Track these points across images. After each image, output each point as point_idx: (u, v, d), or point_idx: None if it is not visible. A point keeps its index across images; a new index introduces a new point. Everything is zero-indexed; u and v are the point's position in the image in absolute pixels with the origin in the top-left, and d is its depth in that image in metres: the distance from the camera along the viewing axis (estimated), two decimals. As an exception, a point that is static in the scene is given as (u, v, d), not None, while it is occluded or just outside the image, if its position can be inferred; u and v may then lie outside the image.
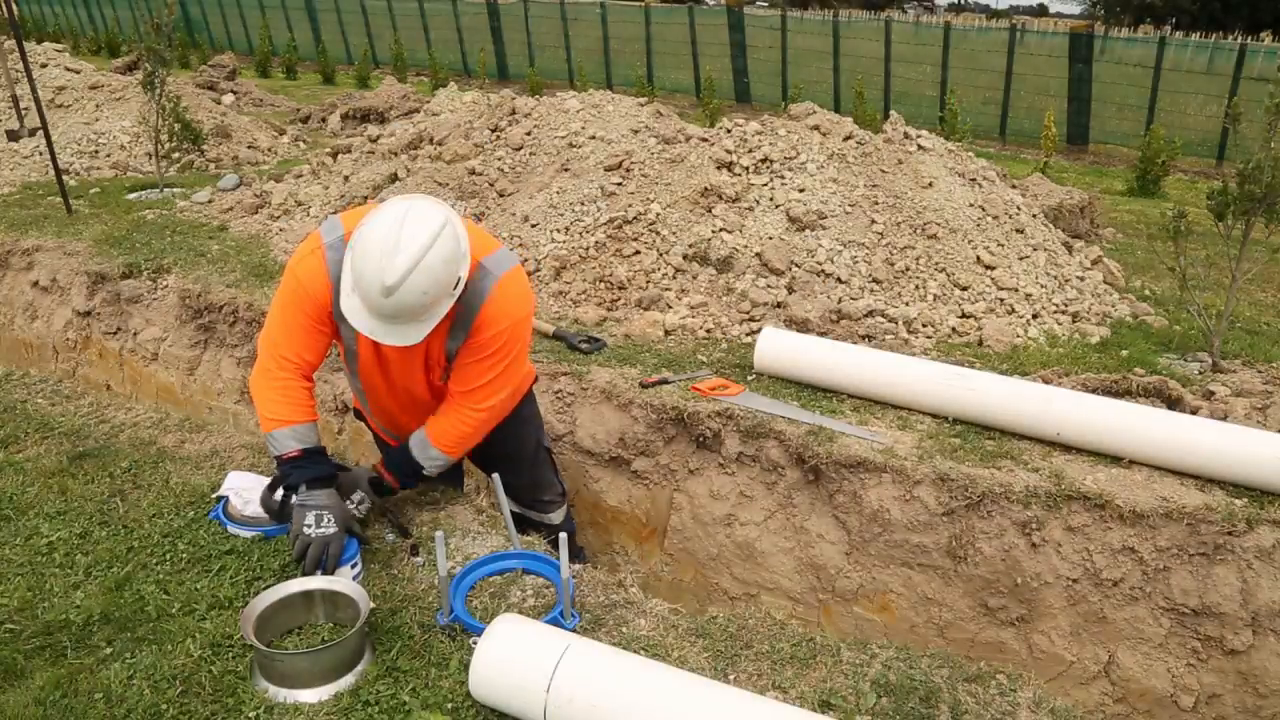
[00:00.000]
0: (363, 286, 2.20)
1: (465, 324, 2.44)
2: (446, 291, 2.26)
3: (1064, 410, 3.37)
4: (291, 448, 2.45)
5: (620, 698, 1.85)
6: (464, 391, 2.55)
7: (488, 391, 2.55)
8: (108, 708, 1.99)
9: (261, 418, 2.49)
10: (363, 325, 2.27)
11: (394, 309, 2.20)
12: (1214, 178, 9.95)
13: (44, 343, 5.84)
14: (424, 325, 2.28)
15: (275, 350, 2.47)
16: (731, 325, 4.47)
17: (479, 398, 2.55)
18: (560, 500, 3.32)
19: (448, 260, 2.22)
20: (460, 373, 2.54)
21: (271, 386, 2.47)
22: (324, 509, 2.39)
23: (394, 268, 2.14)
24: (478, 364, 2.50)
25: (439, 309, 2.29)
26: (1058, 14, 57.36)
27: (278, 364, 2.46)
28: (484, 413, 2.59)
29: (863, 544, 3.45)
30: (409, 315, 2.24)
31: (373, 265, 2.16)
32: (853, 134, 5.39)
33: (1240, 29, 30.33)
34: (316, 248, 2.43)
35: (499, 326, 2.45)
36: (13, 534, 2.63)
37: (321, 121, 11.35)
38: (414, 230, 2.17)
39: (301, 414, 2.48)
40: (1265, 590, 2.95)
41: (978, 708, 2.06)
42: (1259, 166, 3.92)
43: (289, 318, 2.46)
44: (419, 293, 2.18)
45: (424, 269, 2.16)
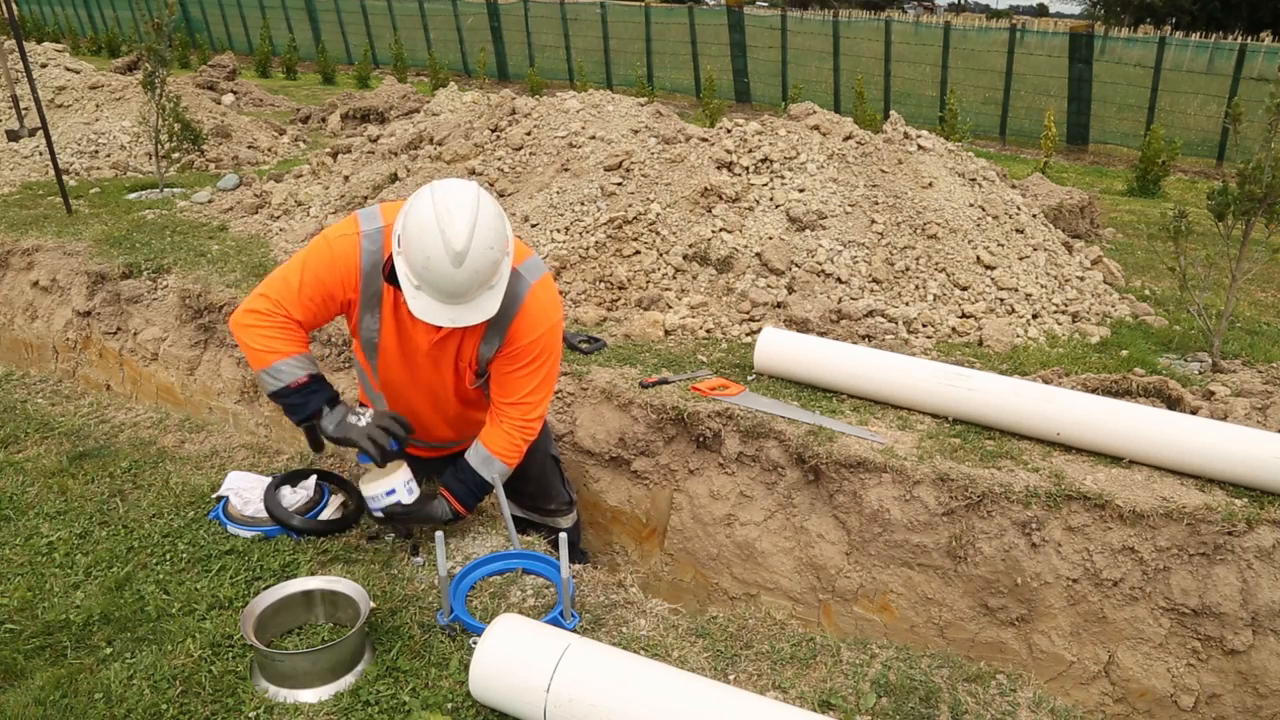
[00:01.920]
0: (432, 269, 2.16)
1: (501, 329, 2.44)
2: (505, 249, 2.27)
3: (1064, 410, 3.37)
4: (299, 376, 2.40)
5: (620, 698, 1.85)
6: (512, 403, 2.56)
7: (535, 400, 2.58)
8: (108, 708, 1.99)
9: (254, 352, 2.39)
10: (440, 317, 2.23)
11: (469, 278, 2.17)
12: (1214, 178, 9.95)
13: (44, 343, 5.84)
14: (495, 291, 2.26)
15: (275, 293, 2.39)
16: (731, 325, 4.47)
17: (527, 407, 2.57)
18: (568, 509, 3.32)
19: (497, 214, 2.24)
20: (504, 384, 2.55)
21: (266, 324, 2.39)
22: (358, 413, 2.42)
23: (457, 233, 2.13)
24: (520, 372, 2.51)
25: (503, 270, 2.28)
26: (1058, 14, 57.38)
27: (273, 306, 2.39)
28: (535, 420, 2.62)
29: (863, 544, 3.45)
30: (481, 282, 2.21)
31: (434, 239, 2.14)
32: (853, 134, 5.39)
33: (1240, 29, 30.34)
34: (354, 232, 2.40)
35: (536, 333, 2.46)
36: (13, 534, 2.63)
37: (321, 121, 11.35)
38: (454, 197, 2.18)
39: (299, 345, 2.43)
40: (1265, 590, 2.95)
41: (978, 708, 2.06)
42: (1259, 166, 3.92)
43: (306, 277, 2.40)
44: (486, 248, 2.17)
45: (483, 224, 2.17)
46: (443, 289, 2.19)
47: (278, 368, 2.38)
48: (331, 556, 2.53)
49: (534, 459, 3.13)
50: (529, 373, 2.52)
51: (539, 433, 2.69)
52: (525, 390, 2.54)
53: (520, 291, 2.42)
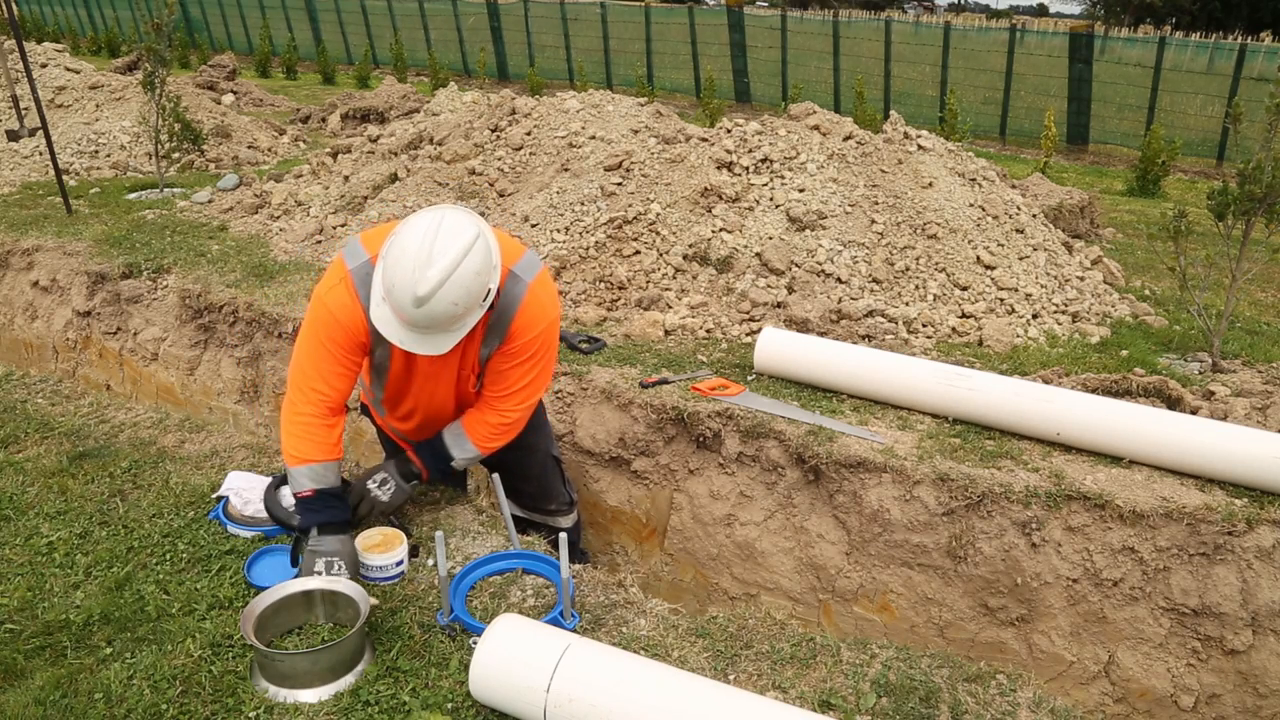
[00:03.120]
0: (394, 296, 2.20)
1: (500, 331, 2.47)
2: (477, 303, 2.27)
3: (1064, 410, 3.37)
4: (305, 487, 2.42)
5: (620, 698, 1.85)
6: (500, 395, 2.58)
7: (524, 395, 2.60)
8: (108, 708, 1.99)
9: (284, 452, 2.47)
10: (393, 335, 2.28)
11: (425, 319, 2.21)
12: (1214, 178, 9.95)
13: (44, 343, 5.84)
14: (453, 335, 2.30)
15: (305, 382, 2.43)
16: (731, 325, 4.47)
17: (516, 400, 2.59)
18: (568, 509, 3.33)
19: (479, 272, 2.23)
20: (496, 378, 2.57)
21: (295, 422, 2.43)
22: (334, 555, 2.36)
23: (426, 279, 2.14)
24: (514, 369, 2.54)
25: (469, 319, 2.30)
26: (1058, 14, 57.40)
27: (304, 397, 2.42)
28: (519, 414, 2.63)
29: (863, 544, 3.45)
30: (439, 326, 2.25)
31: (405, 276, 2.16)
32: (853, 134, 5.39)
33: (1240, 29, 30.35)
34: (343, 277, 2.40)
35: (534, 331, 2.48)
36: (13, 534, 2.63)
37: (321, 121, 11.35)
38: (446, 242, 2.17)
39: (320, 452, 2.43)
40: (1265, 590, 2.95)
41: (978, 708, 2.06)
42: (1259, 166, 3.92)
43: (318, 348, 2.42)
44: (449, 304, 2.19)
45: (456, 281, 2.17)
46: (401, 315, 2.24)
47: (291, 473, 2.45)
48: (331, 556, 2.52)
49: (535, 459, 3.14)
50: (525, 369, 2.55)
51: (522, 429, 2.69)
52: (517, 385, 2.57)
53: (518, 293, 2.44)
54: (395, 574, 2.42)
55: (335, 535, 2.40)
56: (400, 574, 2.43)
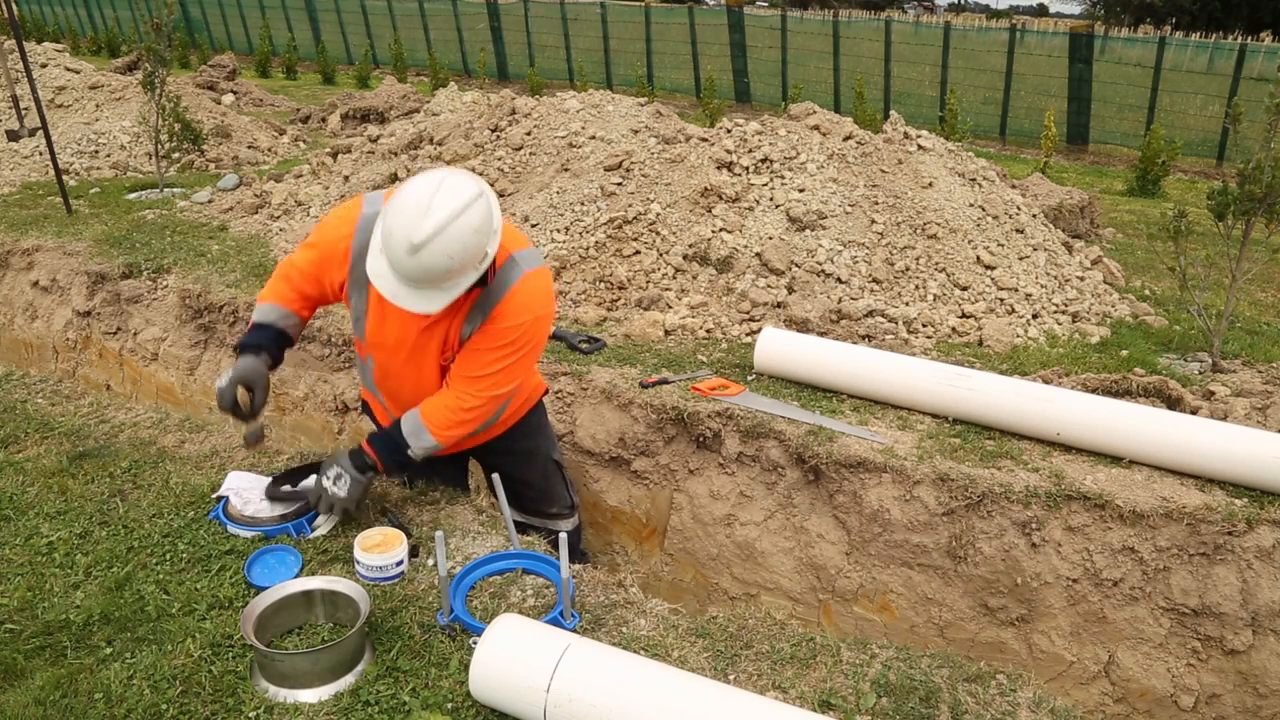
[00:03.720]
0: (390, 245, 2.22)
1: (485, 309, 2.45)
2: (473, 263, 2.27)
3: (1064, 410, 3.37)
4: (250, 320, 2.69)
5: (620, 698, 1.85)
6: (467, 376, 2.51)
7: (492, 382, 2.51)
8: (108, 708, 1.99)
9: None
10: (386, 288, 2.29)
11: (417, 271, 2.21)
12: (1214, 178, 9.95)
13: (44, 343, 5.84)
14: (445, 294, 2.28)
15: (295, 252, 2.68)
16: (731, 325, 4.47)
17: (482, 385, 2.51)
18: (569, 513, 3.31)
19: (477, 230, 2.23)
20: (469, 358, 2.51)
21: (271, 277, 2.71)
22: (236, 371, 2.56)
23: (422, 227, 2.16)
24: (489, 351, 2.48)
25: (463, 280, 2.28)
26: (1058, 14, 57.41)
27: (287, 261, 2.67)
28: (482, 402, 2.53)
29: (863, 544, 3.45)
30: (432, 280, 2.24)
31: (402, 223, 2.18)
32: (853, 134, 5.39)
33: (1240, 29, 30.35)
34: (355, 204, 2.54)
35: (520, 319, 2.45)
36: (13, 534, 2.63)
37: (321, 121, 11.35)
38: (448, 195, 2.20)
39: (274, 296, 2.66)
40: (1265, 590, 2.95)
41: (978, 708, 2.06)
42: (1259, 166, 3.92)
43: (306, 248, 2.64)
44: (444, 256, 2.19)
45: (452, 234, 2.18)
46: (396, 268, 2.26)
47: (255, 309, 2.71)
48: (331, 557, 2.52)
49: (535, 463, 3.14)
50: (499, 356, 2.48)
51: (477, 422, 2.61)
52: (487, 370, 2.49)
53: (512, 277, 2.44)
54: (395, 574, 2.42)
55: (247, 356, 2.58)
56: (400, 574, 2.43)
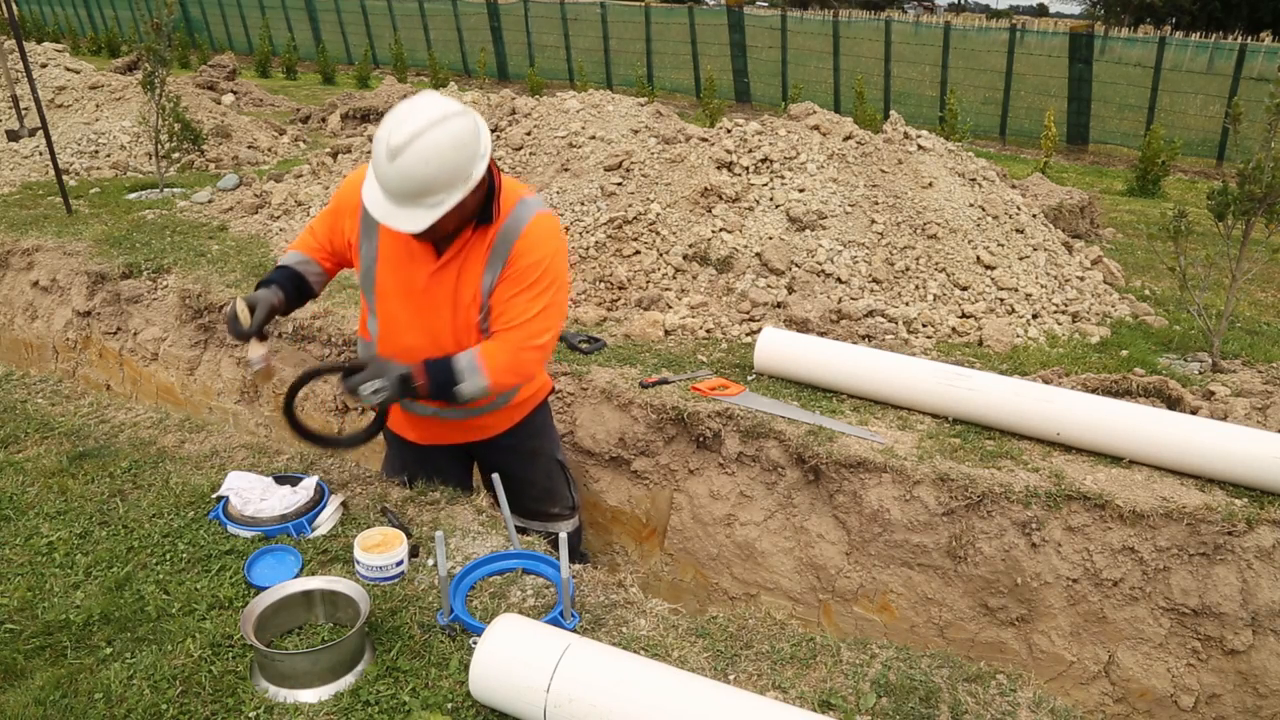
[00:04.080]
0: (375, 158, 2.28)
1: (503, 253, 2.48)
2: (457, 179, 2.29)
3: (1064, 410, 3.37)
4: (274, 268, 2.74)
5: (620, 698, 1.85)
6: (512, 326, 2.51)
7: (540, 325, 2.52)
8: (108, 708, 1.99)
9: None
10: (376, 208, 2.34)
11: (398, 180, 2.25)
12: (1214, 178, 9.96)
13: (44, 343, 5.84)
14: (430, 212, 2.29)
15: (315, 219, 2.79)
16: (731, 325, 4.47)
17: (531, 331, 2.51)
18: (570, 513, 3.30)
19: (458, 143, 2.25)
20: (507, 309, 2.52)
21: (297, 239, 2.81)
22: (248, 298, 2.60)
23: (401, 130, 2.22)
24: (522, 294, 2.49)
25: (447, 197, 2.29)
26: (1058, 14, 57.44)
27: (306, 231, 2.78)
28: (535, 350, 2.55)
29: (863, 544, 3.45)
30: (415, 192, 2.27)
31: (385, 130, 2.25)
32: (853, 134, 5.39)
33: (1240, 29, 30.37)
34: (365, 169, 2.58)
35: (539, 254, 2.48)
36: (13, 534, 2.63)
37: (321, 121, 11.35)
38: (429, 105, 2.27)
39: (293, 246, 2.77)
40: (1265, 590, 2.95)
41: (978, 708, 2.06)
42: (1259, 166, 3.92)
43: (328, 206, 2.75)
44: (421, 162, 2.22)
45: (431, 140, 2.21)
46: (381, 180, 2.30)
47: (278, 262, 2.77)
48: (331, 557, 2.52)
49: (539, 463, 3.14)
50: (533, 296, 2.49)
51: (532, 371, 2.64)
52: (530, 313, 2.49)
53: (524, 215, 2.50)
54: (395, 574, 2.42)
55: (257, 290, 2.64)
56: (400, 574, 2.43)
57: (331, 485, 2.84)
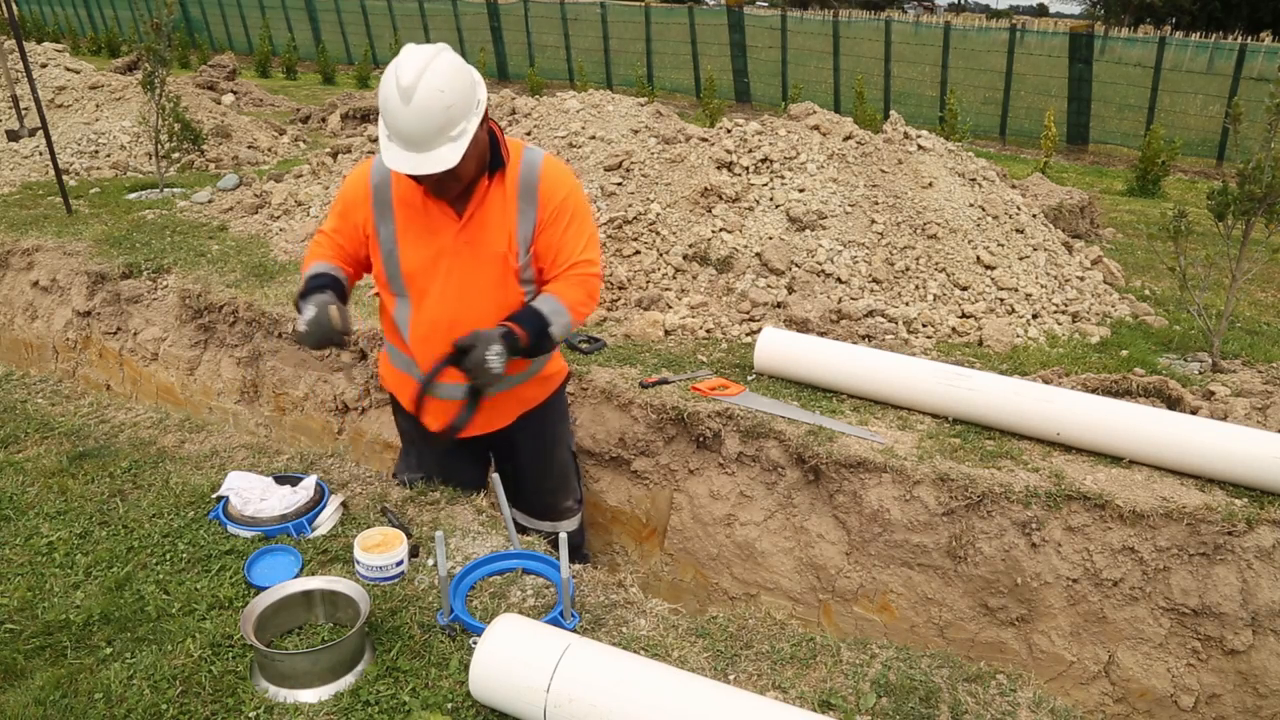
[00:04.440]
0: (388, 110, 2.29)
1: (532, 197, 2.57)
2: (468, 102, 2.32)
3: (1064, 410, 3.37)
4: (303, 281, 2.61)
5: (620, 698, 1.85)
6: (575, 262, 2.62)
7: (592, 252, 2.66)
8: (108, 708, 1.99)
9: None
10: (403, 163, 2.33)
11: (419, 118, 2.25)
12: (1214, 178, 9.96)
13: (44, 343, 5.84)
14: (455, 145, 2.31)
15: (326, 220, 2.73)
16: (731, 325, 4.47)
17: (589, 259, 2.65)
18: (577, 507, 3.33)
19: (458, 69, 2.31)
20: (560, 249, 2.61)
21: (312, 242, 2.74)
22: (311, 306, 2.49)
23: (407, 70, 2.25)
24: (569, 231, 2.61)
25: (465, 123, 2.32)
26: (1058, 14, 57.45)
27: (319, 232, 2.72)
28: (596, 277, 2.69)
29: (863, 544, 3.45)
30: (434, 126, 2.27)
31: (389, 80, 2.28)
32: (853, 134, 5.39)
33: (1240, 29, 30.38)
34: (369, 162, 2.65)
35: (565, 189, 2.60)
36: (13, 534, 2.63)
37: (321, 121, 11.35)
38: (418, 49, 2.32)
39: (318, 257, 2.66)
40: (1265, 590, 2.95)
41: (978, 708, 2.06)
42: (1259, 166, 3.92)
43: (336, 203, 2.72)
44: (436, 91, 2.25)
45: (436, 69, 2.26)
46: (400, 132, 2.30)
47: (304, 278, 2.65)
48: (331, 557, 2.53)
49: (558, 454, 3.19)
50: (577, 230, 2.62)
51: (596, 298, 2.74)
52: (581, 245, 2.63)
53: (536, 158, 2.60)
54: (395, 574, 2.42)
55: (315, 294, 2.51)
56: (400, 574, 2.43)
57: (331, 485, 2.84)
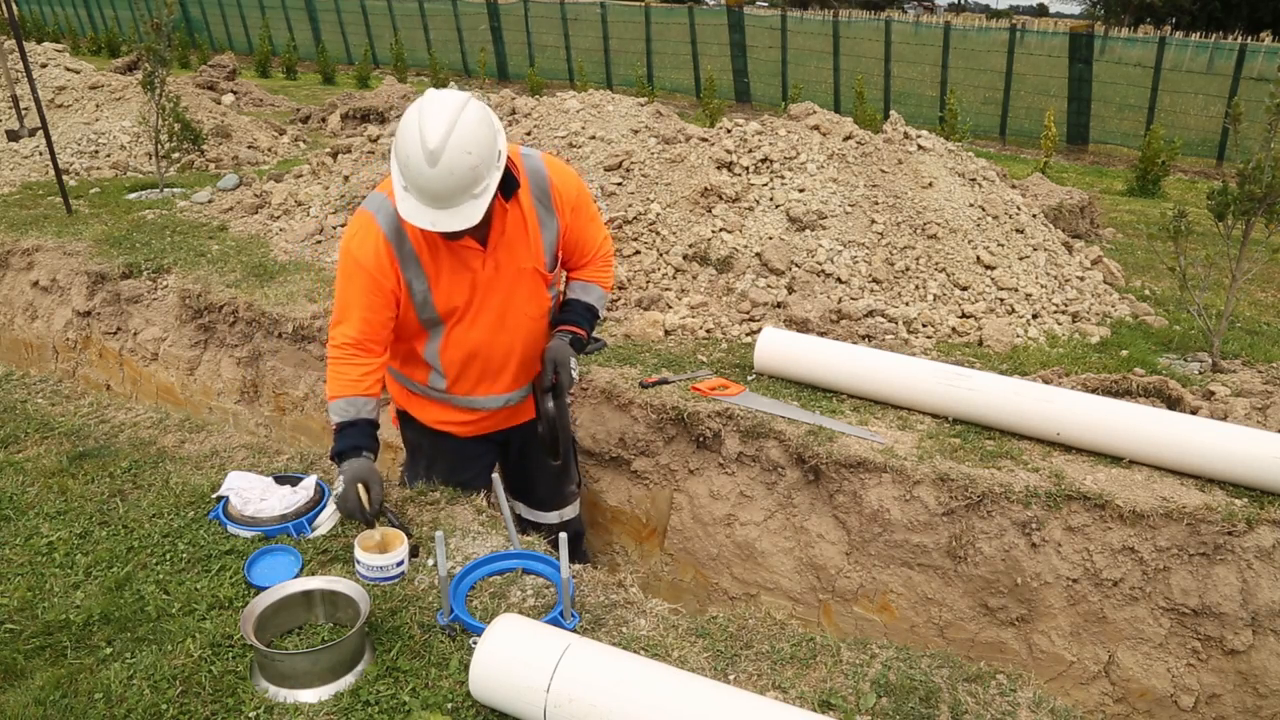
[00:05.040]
0: (411, 171, 2.24)
1: (548, 204, 2.62)
2: (491, 159, 2.30)
3: (1064, 410, 3.37)
4: (333, 422, 2.57)
5: (620, 698, 1.85)
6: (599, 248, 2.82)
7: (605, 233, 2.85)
8: (108, 708, 1.99)
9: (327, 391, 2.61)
10: (421, 218, 2.29)
11: (445, 180, 2.22)
12: (1214, 178, 9.95)
13: (44, 343, 5.84)
14: (479, 201, 2.29)
15: (336, 330, 2.56)
16: (731, 325, 4.47)
17: (608, 243, 2.85)
18: (578, 492, 3.39)
19: (482, 121, 2.27)
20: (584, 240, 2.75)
21: (332, 364, 2.57)
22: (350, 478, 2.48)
23: (433, 132, 2.20)
24: (589, 223, 2.75)
25: (489, 180, 2.31)
26: (1058, 14, 57.45)
27: (333, 338, 2.57)
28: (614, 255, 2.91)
29: (863, 544, 3.45)
30: (460, 186, 2.25)
31: (412, 140, 2.22)
32: (853, 134, 5.39)
33: (1240, 29, 30.38)
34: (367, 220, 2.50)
35: (572, 183, 2.68)
36: (13, 534, 2.63)
37: (321, 121, 11.35)
38: (441, 102, 2.26)
39: (343, 388, 2.54)
40: (1265, 590, 2.95)
41: (978, 708, 2.06)
42: (1259, 166, 3.92)
43: (347, 291, 2.53)
44: (463, 153, 2.22)
45: (462, 128, 2.22)
46: (423, 190, 2.26)
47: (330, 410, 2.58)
48: (331, 557, 2.53)
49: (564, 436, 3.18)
50: (591, 218, 2.76)
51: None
52: (600, 233, 2.82)
53: (536, 164, 2.62)
54: (395, 574, 2.42)
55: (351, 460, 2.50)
56: (400, 574, 2.43)
57: (331, 485, 2.84)
